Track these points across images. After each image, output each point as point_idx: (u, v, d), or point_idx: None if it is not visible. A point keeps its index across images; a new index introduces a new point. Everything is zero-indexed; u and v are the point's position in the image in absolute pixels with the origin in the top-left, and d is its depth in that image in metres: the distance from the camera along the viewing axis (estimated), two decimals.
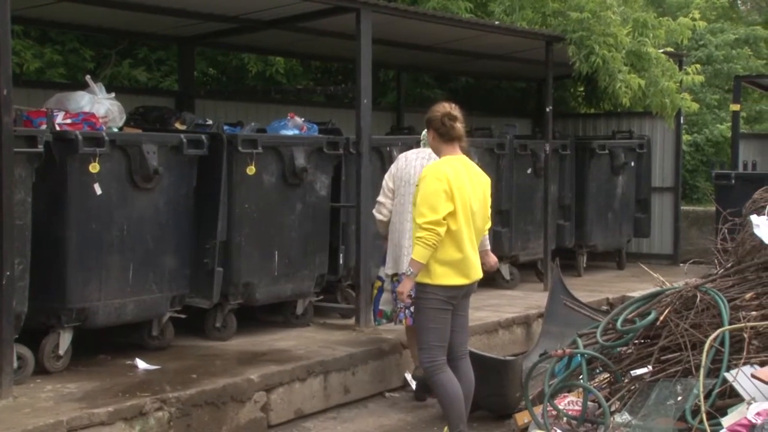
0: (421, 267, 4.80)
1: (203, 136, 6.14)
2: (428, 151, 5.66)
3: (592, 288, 9.04)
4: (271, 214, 6.58)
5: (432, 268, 4.82)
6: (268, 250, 6.56)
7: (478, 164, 5.51)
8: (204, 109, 8.82)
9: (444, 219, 4.77)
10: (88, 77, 6.22)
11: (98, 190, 5.50)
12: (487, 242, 5.73)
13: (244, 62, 10.48)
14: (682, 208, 11.65)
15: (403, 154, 6.03)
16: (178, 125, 6.83)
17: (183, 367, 5.69)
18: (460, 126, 5.00)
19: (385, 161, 7.53)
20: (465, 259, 4.87)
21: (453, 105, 5.06)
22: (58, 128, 5.54)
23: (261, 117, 8.82)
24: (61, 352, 5.47)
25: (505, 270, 8.99)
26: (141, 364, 5.69)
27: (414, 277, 4.84)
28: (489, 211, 5.19)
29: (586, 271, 10.13)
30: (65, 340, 5.48)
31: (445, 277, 4.84)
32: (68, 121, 5.69)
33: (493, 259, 5.74)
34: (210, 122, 6.91)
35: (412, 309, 5.36)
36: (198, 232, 6.15)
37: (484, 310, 7.65)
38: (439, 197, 4.78)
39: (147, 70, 10.12)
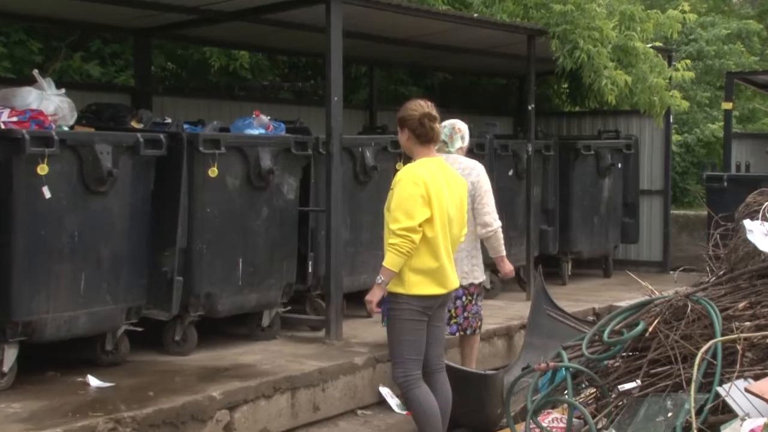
0: (392, 275, 4.80)
1: (161, 136, 6.11)
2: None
3: (577, 297, 9.09)
4: (235, 219, 6.56)
5: (406, 277, 4.81)
6: (231, 257, 6.53)
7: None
8: (162, 106, 8.79)
9: (420, 226, 4.77)
10: (35, 72, 6.19)
11: (47, 194, 5.44)
12: (502, 248, 6.16)
13: (206, 56, 10.45)
14: (671, 212, 11.75)
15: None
16: (134, 124, 6.78)
17: (139, 384, 5.65)
18: (439, 127, 5.04)
19: (356, 162, 7.54)
20: (441, 267, 4.87)
21: (430, 104, 5.06)
22: (3, 126, 5.50)
23: (224, 115, 8.80)
24: (5, 368, 5.41)
25: (486, 278, 8.99)
26: (93, 381, 5.64)
27: (384, 285, 4.83)
28: (465, 216, 5.20)
29: (570, 279, 10.18)
30: (10, 355, 5.42)
31: (419, 286, 4.83)
32: (14, 119, 5.65)
33: (508, 266, 6.25)
34: (169, 120, 6.87)
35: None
36: (156, 238, 6.11)
37: None
38: (416, 202, 4.78)
39: (100, 64, 10.07)
